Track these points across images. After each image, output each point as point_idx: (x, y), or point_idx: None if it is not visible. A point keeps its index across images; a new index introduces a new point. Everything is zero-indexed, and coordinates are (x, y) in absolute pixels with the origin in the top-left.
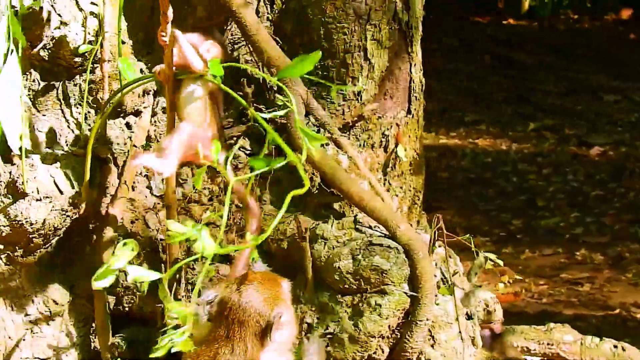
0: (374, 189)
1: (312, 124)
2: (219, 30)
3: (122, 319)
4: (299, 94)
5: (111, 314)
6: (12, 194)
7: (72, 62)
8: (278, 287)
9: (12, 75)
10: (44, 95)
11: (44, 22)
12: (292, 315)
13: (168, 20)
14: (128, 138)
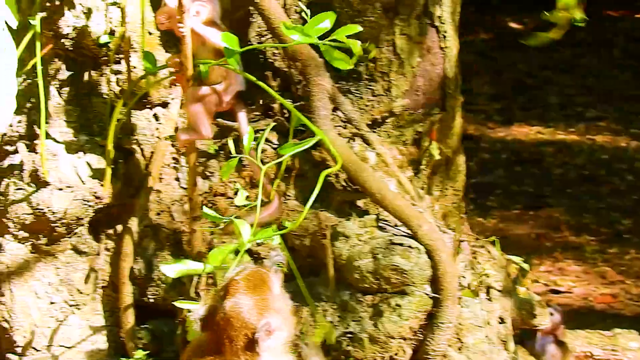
0: (403, 187)
1: (340, 119)
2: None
3: (146, 310)
4: (324, 88)
5: (135, 305)
6: (35, 183)
7: (97, 52)
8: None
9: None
10: (69, 85)
11: (66, 11)
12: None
13: (185, 12)
14: (155, 129)
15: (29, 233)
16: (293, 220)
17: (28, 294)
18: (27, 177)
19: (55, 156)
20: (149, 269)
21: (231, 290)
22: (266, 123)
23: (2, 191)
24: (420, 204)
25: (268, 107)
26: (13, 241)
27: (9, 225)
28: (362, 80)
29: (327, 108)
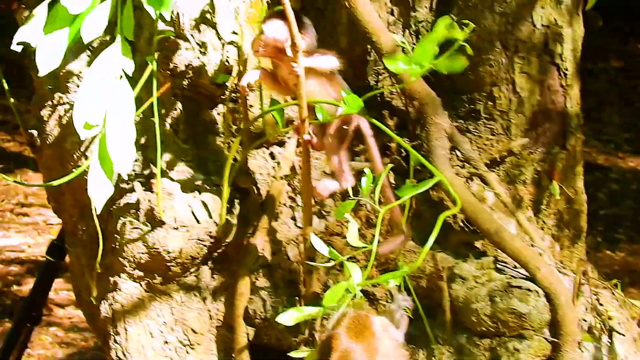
0: (522, 227)
1: (457, 159)
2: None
3: (261, 350)
4: (442, 127)
5: (250, 345)
6: (151, 222)
7: (213, 91)
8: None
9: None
10: (185, 124)
11: (184, 50)
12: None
13: (299, 50)
14: (272, 168)
15: (144, 272)
16: (410, 261)
17: (143, 333)
18: (142, 216)
19: (171, 195)
20: (264, 309)
21: (335, 345)
22: (383, 161)
23: (118, 230)
24: (540, 246)
25: (385, 146)
26: (128, 280)
27: (125, 264)
28: (481, 119)
29: (444, 147)
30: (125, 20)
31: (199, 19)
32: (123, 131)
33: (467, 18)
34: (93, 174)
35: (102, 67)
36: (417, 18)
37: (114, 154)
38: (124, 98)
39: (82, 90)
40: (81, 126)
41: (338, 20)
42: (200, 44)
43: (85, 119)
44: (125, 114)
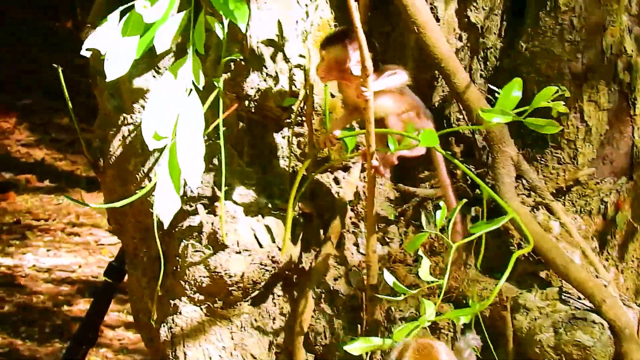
0: (587, 258)
1: (523, 187)
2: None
3: None
4: (508, 155)
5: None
6: (213, 245)
7: (279, 114)
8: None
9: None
10: (250, 147)
11: (250, 73)
12: None
13: (369, 74)
14: (336, 193)
15: (205, 296)
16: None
17: (202, 357)
18: (205, 239)
19: (234, 219)
20: (325, 336)
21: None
22: None
23: (180, 253)
24: (604, 277)
25: (451, 172)
26: (189, 304)
27: (186, 288)
28: (548, 147)
29: (511, 176)
30: (197, 34)
31: (267, 41)
32: (193, 143)
33: (537, 45)
34: (161, 187)
35: (172, 78)
36: (486, 44)
37: (184, 165)
38: (194, 111)
39: (152, 100)
40: (150, 137)
41: (406, 43)
42: (268, 66)
43: (154, 130)
44: (195, 126)
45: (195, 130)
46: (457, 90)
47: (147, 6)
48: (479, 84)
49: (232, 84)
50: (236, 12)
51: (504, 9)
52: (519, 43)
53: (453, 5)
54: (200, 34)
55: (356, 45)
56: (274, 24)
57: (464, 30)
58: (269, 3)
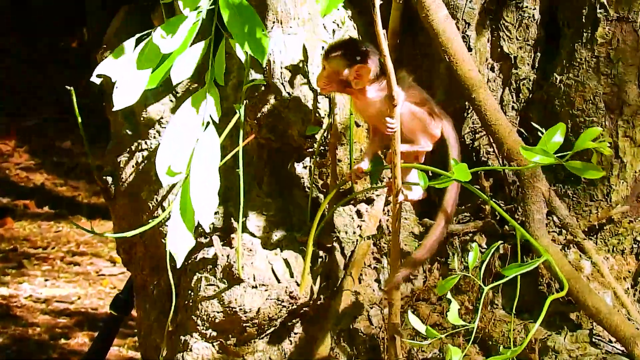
0: (619, 299)
1: (554, 224)
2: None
3: None
4: (540, 191)
5: None
6: (228, 279)
7: (301, 143)
8: None
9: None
10: (270, 176)
11: (272, 99)
12: None
13: (396, 104)
14: (357, 227)
15: (217, 332)
16: (500, 331)
17: None
18: (219, 272)
19: (251, 251)
20: None
21: None
22: (475, 225)
23: (193, 286)
24: (637, 319)
25: (478, 207)
26: (200, 340)
27: (198, 323)
28: (580, 183)
29: (541, 212)
30: (217, 65)
31: (291, 67)
32: (207, 180)
33: (571, 78)
34: (174, 225)
35: (190, 111)
36: (519, 75)
37: (197, 204)
38: (210, 146)
39: (168, 134)
40: (164, 172)
41: (436, 72)
42: (291, 93)
43: (168, 165)
44: (210, 162)
45: (210, 166)
46: (488, 122)
47: (164, 36)
48: (510, 116)
49: (254, 110)
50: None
51: (538, 40)
52: (553, 75)
53: (486, 34)
54: (220, 64)
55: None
56: (299, 49)
57: (496, 60)
58: (294, 27)
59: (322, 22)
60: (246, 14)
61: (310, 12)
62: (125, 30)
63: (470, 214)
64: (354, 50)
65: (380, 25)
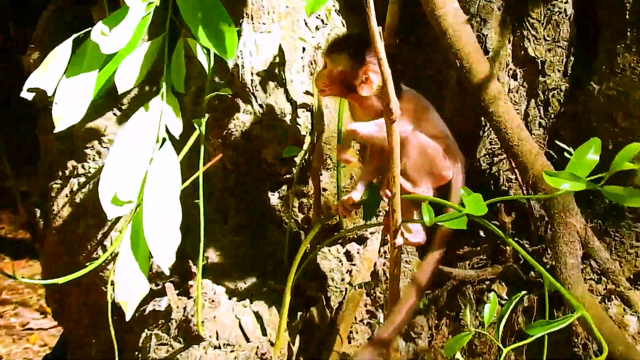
0: None
1: (592, 270)
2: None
3: None
4: (573, 229)
5: None
6: (185, 337)
7: (277, 168)
8: None
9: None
10: (239, 209)
11: (241, 113)
12: None
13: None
14: (347, 272)
15: None
16: None
17: None
18: (174, 328)
19: (213, 303)
20: None
21: None
22: (493, 271)
23: (140, 346)
24: None
25: (497, 248)
26: None
27: None
28: (624, 219)
29: (576, 254)
30: (174, 68)
31: (264, 73)
32: (165, 209)
33: (612, 87)
34: (122, 267)
35: (141, 125)
36: (547, 85)
37: (153, 239)
38: (167, 166)
39: (113, 154)
40: (108, 201)
41: (444, 80)
42: (264, 105)
43: (114, 192)
44: (168, 187)
45: (168, 192)
46: (509, 142)
47: (106, 34)
48: (537, 135)
49: (218, 126)
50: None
51: (571, 41)
52: (590, 84)
53: (507, 34)
54: (178, 68)
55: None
56: (274, 50)
57: (519, 65)
58: (268, 24)
59: (303, 17)
60: (208, 4)
61: (288, 5)
62: (57, 26)
63: (487, 257)
64: (365, 47)
65: (374, 22)
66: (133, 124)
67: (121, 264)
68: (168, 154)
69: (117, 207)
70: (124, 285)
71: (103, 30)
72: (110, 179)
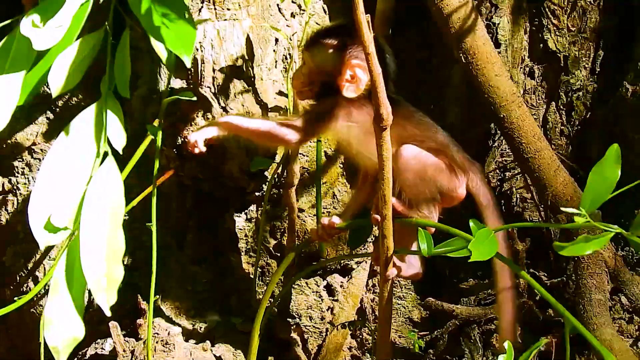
0: None
1: (622, 307)
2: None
3: None
4: (600, 258)
5: None
6: None
7: (244, 185)
8: None
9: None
10: (198, 235)
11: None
12: None
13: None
14: (328, 310)
15: None
16: None
17: None
18: None
19: (167, 345)
20: None
21: None
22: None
23: None
24: None
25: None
26: None
27: None
28: None
29: (603, 289)
30: (118, 67)
31: (228, 69)
32: (106, 237)
33: None
34: (54, 306)
35: (78, 136)
36: (571, 85)
37: (91, 273)
38: (109, 185)
39: (45, 170)
40: (40, 227)
41: (448, 80)
42: (229, 109)
43: (47, 216)
44: (110, 210)
45: (110, 216)
46: (525, 154)
47: (38, 25)
48: (558, 145)
49: (172, 134)
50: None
51: (601, 32)
52: (623, 84)
53: (523, 23)
54: (122, 67)
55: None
56: (241, 42)
57: (537, 61)
58: (233, 10)
59: (276, 2)
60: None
61: None
62: None
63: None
64: (349, 39)
65: (361, 8)
66: (69, 135)
67: (53, 302)
68: (110, 170)
69: (49, 234)
70: (56, 327)
71: (34, 21)
72: (42, 200)
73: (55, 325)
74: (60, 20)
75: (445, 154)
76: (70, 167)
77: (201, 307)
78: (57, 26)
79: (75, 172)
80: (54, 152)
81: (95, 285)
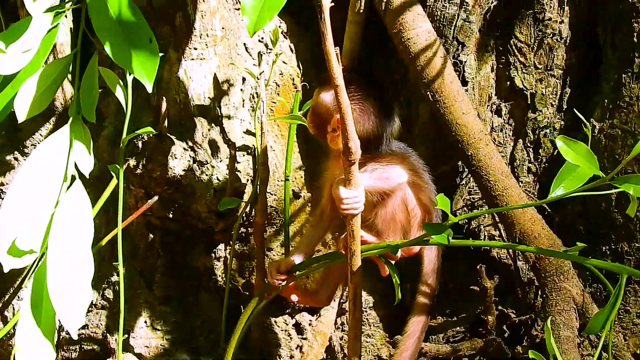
0: None
1: (591, 345)
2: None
3: None
4: (569, 295)
5: None
6: None
7: (212, 224)
8: None
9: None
10: (165, 273)
11: (169, 158)
12: None
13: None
14: (297, 348)
15: None
16: None
17: None
18: None
19: None
20: None
21: None
22: (472, 345)
23: None
24: None
25: (477, 319)
26: None
27: None
28: (629, 284)
29: (571, 326)
30: (85, 93)
31: (196, 108)
32: (74, 261)
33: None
34: (24, 333)
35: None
36: (538, 122)
37: (59, 298)
38: (77, 210)
39: (11, 195)
40: (5, 251)
41: (415, 116)
42: (197, 148)
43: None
44: (78, 234)
45: (79, 239)
46: (492, 191)
47: (4, 50)
48: (525, 183)
49: (140, 173)
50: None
51: (568, 69)
52: (590, 121)
53: (490, 60)
54: (89, 93)
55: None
56: (208, 82)
57: (504, 99)
58: (200, 49)
59: (244, 41)
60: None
61: (224, 27)
62: None
63: (465, 329)
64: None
65: (331, 42)
66: (36, 159)
67: (22, 328)
68: (78, 194)
69: (15, 259)
70: (26, 355)
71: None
72: (8, 223)
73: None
74: (25, 44)
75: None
76: (38, 191)
77: (170, 346)
78: (24, 51)
79: (42, 195)
80: (21, 175)
81: (62, 308)
